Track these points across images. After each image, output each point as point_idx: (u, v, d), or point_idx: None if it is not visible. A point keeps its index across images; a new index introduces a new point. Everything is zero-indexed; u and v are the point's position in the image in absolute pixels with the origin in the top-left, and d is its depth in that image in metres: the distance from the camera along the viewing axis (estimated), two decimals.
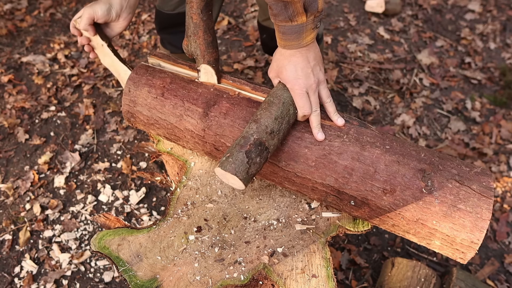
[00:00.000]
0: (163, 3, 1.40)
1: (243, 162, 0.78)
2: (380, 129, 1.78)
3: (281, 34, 0.86)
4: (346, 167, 0.87)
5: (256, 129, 0.83)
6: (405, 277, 1.41)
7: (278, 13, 0.81)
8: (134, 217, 1.73)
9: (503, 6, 2.83)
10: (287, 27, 0.83)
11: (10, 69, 2.28)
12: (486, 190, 0.82)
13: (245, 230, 0.98)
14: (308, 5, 0.80)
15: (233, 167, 0.78)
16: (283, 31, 0.85)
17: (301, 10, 0.80)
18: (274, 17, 0.84)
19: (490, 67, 2.43)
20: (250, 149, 0.80)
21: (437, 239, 0.84)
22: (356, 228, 0.96)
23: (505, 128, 2.10)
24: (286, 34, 0.85)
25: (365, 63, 2.41)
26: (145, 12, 2.69)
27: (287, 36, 0.85)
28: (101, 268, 1.59)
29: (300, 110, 0.89)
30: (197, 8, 0.94)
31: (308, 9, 0.81)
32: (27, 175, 1.83)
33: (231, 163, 0.78)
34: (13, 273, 1.57)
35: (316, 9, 0.82)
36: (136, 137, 2.00)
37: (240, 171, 0.78)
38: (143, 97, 1.05)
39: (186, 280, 0.86)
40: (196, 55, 1.01)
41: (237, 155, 0.79)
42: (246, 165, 0.79)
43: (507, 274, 1.63)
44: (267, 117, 0.85)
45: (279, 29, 0.85)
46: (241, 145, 0.81)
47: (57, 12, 2.67)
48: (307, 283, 0.85)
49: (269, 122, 0.84)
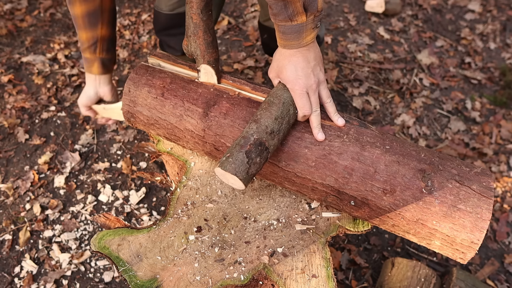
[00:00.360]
0: (162, 3, 1.40)
1: (243, 162, 0.78)
2: (380, 129, 1.78)
3: (281, 34, 0.86)
4: (346, 167, 0.87)
5: (256, 129, 0.83)
6: (405, 277, 1.41)
7: (278, 13, 0.81)
8: (134, 217, 1.73)
9: (503, 6, 2.83)
10: (287, 26, 0.83)
11: (10, 69, 2.29)
12: (486, 190, 0.82)
13: (245, 230, 0.98)
14: (307, 4, 0.80)
15: (233, 167, 0.78)
16: (283, 30, 0.85)
17: (301, 10, 0.80)
18: (274, 17, 0.84)
19: (490, 67, 2.43)
20: (250, 149, 0.80)
21: (437, 239, 0.84)
22: (356, 228, 0.96)
23: (505, 128, 2.10)
24: (286, 34, 0.85)
25: (365, 63, 2.41)
26: (145, 12, 2.69)
27: (287, 36, 0.85)
28: (101, 268, 1.59)
29: (300, 110, 0.89)
30: (197, 8, 0.94)
31: (308, 9, 0.81)
32: (27, 175, 1.83)
33: (231, 163, 0.78)
34: (13, 273, 1.57)
35: (316, 9, 0.82)
36: (136, 137, 2.00)
37: (240, 171, 0.78)
38: (143, 97, 1.05)
39: (186, 280, 0.86)
40: (196, 55, 1.01)
41: (237, 155, 0.79)
42: (246, 165, 0.79)
43: (507, 274, 1.63)
44: (267, 117, 0.85)
45: (279, 28, 0.85)
46: (241, 145, 0.81)
47: (57, 12, 2.67)
48: (307, 283, 0.85)
49: (269, 122, 0.84)
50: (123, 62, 2.36)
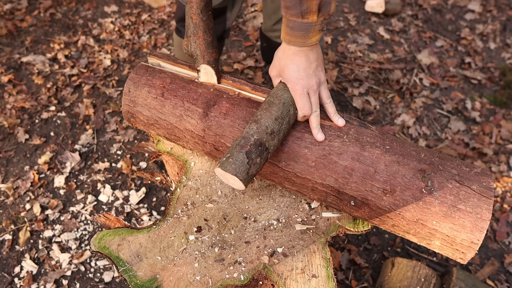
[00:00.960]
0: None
1: (243, 163, 0.78)
2: (380, 129, 1.78)
3: (289, 29, 0.85)
4: (346, 167, 0.87)
5: (256, 129, 0.83)
6: (405, 277, 1.41)
7: (291, 7, 0.81)
8: (134, 217, 1.73)
9: (503, 6, 2.83)
10: (297, 23, 0.83)
11: (10, 69, 2.29)
12: (486, 190, 0.82)
13: (245, 230, 0.98)
14: (322, 5, 0.80)
15: (233, 167, 0.78)
16: (291, 26, 0.84)
17: (314, 9, 0.80)
18: (285, 10, 0.83)
19: (490, 67, 2.43)
20: (250, 149, 0.80)
21: (437, 240, 0.84)
22: (356, 228, 0.96)
23: (505, 128, 2.10)
24: (293, 30, 0.85)
25: (365, 63, 2.41)
26: (145, 12, 2.69)
27: (294, 32, 0.85)
28: (101, 268, 1.59)
29: (301, 111, 0.89)
30: (197, 8, 0.94)
31: (321, 10, 0.81)
32: (27, 175, 1.83)
33: (231, 163, 0.78)
34: (13, 273, 1.57)
35: (327, 12, 0.82)
36: (136, 137, 2.00)
37: (240, 172, 0.78)
38: (143, 97, 1.05)
39: (186, 280, 0.86)
40: (196, 55, 1.01)
41: (237, 156, 0.79)
42: (246, 166, 0.79)
43: (507, 274, 1.63)
44: (268, 118, 0.85)
45: (287, 23, 0.85)
46: (242, 145, 0.81)
47: (57, 12, 2.67)
48: (307, 283, 0.85)
49: (270, 122, 0.84)
50: (123, 62, 2.36)
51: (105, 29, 2.55)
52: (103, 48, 2.44)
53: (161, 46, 2.47)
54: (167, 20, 2.65)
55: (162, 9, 2.71)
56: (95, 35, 2.52)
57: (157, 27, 2.59)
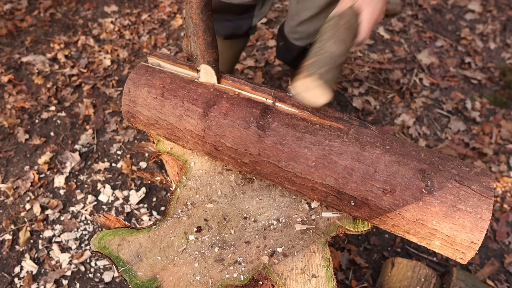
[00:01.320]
0: None
1: (335, 77, 0.86)
2: (380, 129, 1.78)
3: None
4: (346, 167, 0.87)
5: (343, 51, 0.89)
6: (405, 277, 1.41)
7: None
8: (134, 217, 1.73)
9: (503, 6, 2.83)
10: None
11: (10, 69, 2.28)
12: (486, 190, 0.82)
13: (245, 230, 0.98)
14: None
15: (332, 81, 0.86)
16: None
17: None
18: None
19: (490, 67, 2.43)
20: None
21: (437, 239, 0.84)
22: (356, 228, 0.96)
23: (505, 128, 2.10)
24: None
25: (365, 63, 2.41)
26: (145, 12, 2.69)
27: None
28: (101, 268, 1.59)
29: (365, 38, 0.96)
30: (197, 8, 0.94)
31: None
32: (27, 175, 1.83)
33: (331, 77, 0.86)
34: (13, 273, 1.57)
35: None
36: (136, 137, 2.00)
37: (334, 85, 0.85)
38: (143, 97, 1.05)
39: (186, 280, 0.86)
40: (196, 55, 1.01)
41: (335, 72, 0.86)
42: (336, 80, 0.86)
43: (507, 274, 1.63)
44: (342, 45, 0.90)
45: None
46: (333, 63, 0.87)
47: (57, 12, 2.67)
48: (307, 283, 0.85)
49: (342, 50, 0.90)
50: (123, 62, 2.36)
51: (105, 29, 2.55)
52: (103, 48, 2.44)
53: (161, 46, 2.47)
54: (167, 20, 2.65)
55: (162, 9, 2.71)
56: (95, 35, 2.52)
57: (157, 27, 2.59)
